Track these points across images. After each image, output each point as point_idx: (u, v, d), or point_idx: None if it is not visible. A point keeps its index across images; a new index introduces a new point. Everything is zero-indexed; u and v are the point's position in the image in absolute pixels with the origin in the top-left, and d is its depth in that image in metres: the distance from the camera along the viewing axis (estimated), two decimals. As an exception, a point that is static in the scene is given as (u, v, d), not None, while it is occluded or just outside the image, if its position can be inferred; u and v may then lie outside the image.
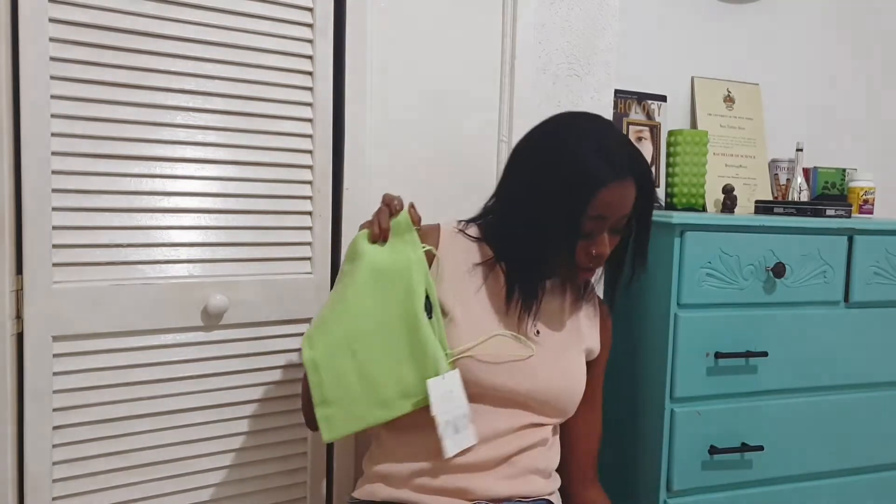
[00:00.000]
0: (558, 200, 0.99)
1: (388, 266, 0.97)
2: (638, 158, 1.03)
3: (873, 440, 1.60)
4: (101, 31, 1.01)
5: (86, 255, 1.03)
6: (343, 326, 0.95)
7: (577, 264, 1.04)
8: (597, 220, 1.00)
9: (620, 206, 1.01)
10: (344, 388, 0.94)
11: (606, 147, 1.01)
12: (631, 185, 1.02)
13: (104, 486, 1.07)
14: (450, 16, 1.29)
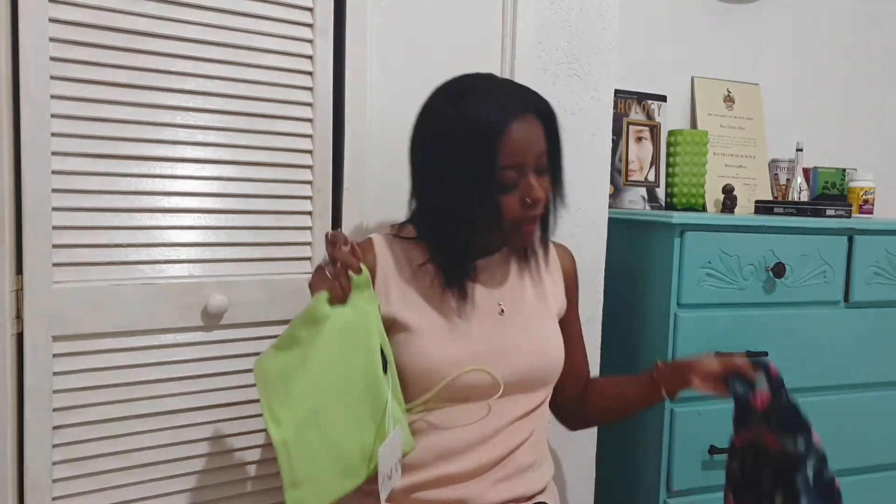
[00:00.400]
0: (466, 164, 0.94)
1: (352, 327, 0.91)
2: (528, 93, 0.99)
3: (873, 440, 1.60)
4: (101, 31, 1.01)
5: (86, 255, 1.03)
6: (309, 399, 0.88)
7: (515, 221, 0.97)
8: (514, 169, 0.94)
9: (531, 144, 0.95)
10: (313, 465, 0.89)
11: (492, 93, 0.96)
12: (533, 120, 0.96)
13: (104, 486, 1.07)
14: (450, 16, 1.29)
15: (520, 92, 0.99)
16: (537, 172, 0.97)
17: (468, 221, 0.98)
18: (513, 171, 0.94)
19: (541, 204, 0.97)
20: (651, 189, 1.82)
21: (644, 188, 1.81)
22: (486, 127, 0.93)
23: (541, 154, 0.97)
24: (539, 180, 0.97)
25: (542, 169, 0.98)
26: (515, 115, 0.94)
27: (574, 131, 1.41)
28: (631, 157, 1.80)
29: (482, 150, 0.92)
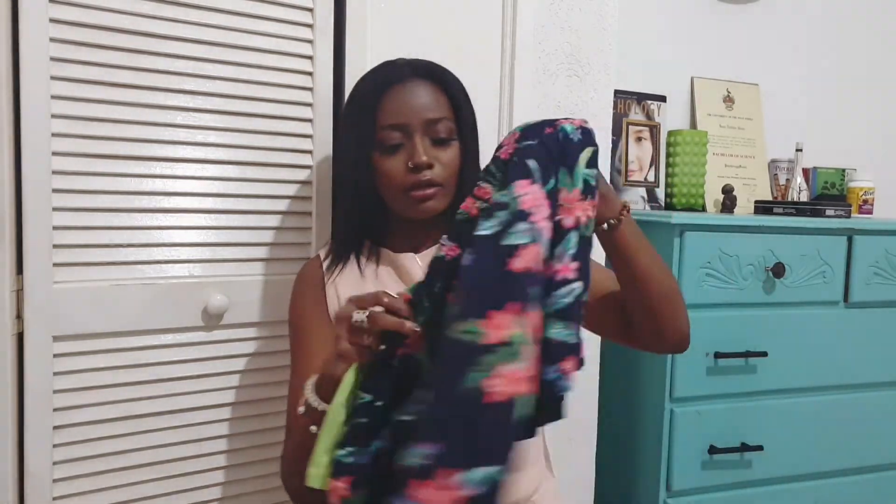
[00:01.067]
0: (351, 128, 0.94)
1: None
2: (429, 64, 0.97)
3: (873, 440, 1.61)
4: (101, 31, 1.01)
5: (86, 255, 1.03)
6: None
7: (404, 187, 0.93)
8: (397, 130, 0.93)
9: (417, 106, 0.93)
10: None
11: (384, 65, 0.97)
12: (423, 84, 0.94)
13: (104, 486, 1.07)
14: (450, 16, 1.29)
15: (421, 63, 0.97)
16: (434, 140, 0.94)
17: (355, 188, 0.96)
18: (395, 132, 0.93)
19: (424, 169, 0.92)
20: (651, 189, 1.82)
21: (644, 188, 1.81)
22: (372, 86, 0.94)
23: (435, 121, 0.94)
24: (437, 150, 0.94)
25: (441, 138, 0.95)
26: (403, 78, 0.94)
27: (574, 131, 1.41)
28: (631, 157, 1.80)
29: (364, 108, 0.94)
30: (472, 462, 0.61)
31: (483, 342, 0.63)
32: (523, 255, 0.67)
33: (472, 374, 0.62)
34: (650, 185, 1.82)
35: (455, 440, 0.61)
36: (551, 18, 1.37)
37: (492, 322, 0.64)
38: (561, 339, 0.69)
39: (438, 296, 0.75)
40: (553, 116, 1.41)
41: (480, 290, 0.66)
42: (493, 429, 0.62)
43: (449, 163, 0.95)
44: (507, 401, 0.62)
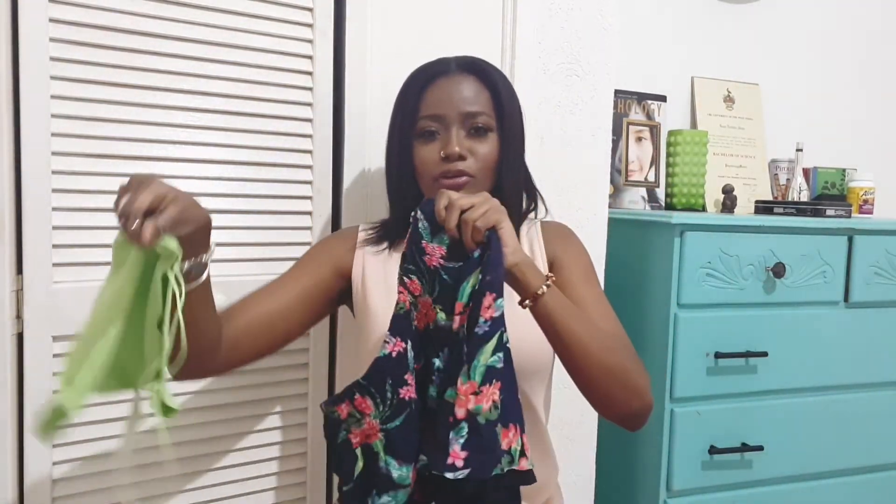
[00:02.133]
0: (397, 120, 1.00)
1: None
2: (477, 59, 1.01)
3: (873, 440, 1.61)
4: (101, 31, 1.01)
5: (86, 255, 1.03)
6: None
7: (434, 175, 0.96)
8: (435, 120, 0.96)
9: (456, 98, 0.96)
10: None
11: (435, 60, 1.01)
12: (466, 78, 0.98)
13: (104, 486, 1.07)
14: (450, 16, 1.29)
15: (469, 58, 1.01)
16: (470, 132, 0.97)
17: (398, 175, 1.00)
18: (433, 121, 0.96)
19: (455, 159, 0.95)
20: (651, 189, 1.82)
21: (644, 188, 1.81)
22: (418, 78, 0.99)
23: (473, 115, 0.96)
24: (472, 142, 0.96)
25: (479, 130, 0.97)
26: (448, 71, 0.98)
27: (574, 131, 1.41)
28: (631, 157, 1.80)
29: (409, 99, 0.98)
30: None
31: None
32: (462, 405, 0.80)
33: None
34: (650, 185, 1.82)
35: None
36: (551, 18, 1.37)
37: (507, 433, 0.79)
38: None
39: (393, 400, 0.85)
40: (553, 116, 1.41)
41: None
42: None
43: (485, 156, 0.97)
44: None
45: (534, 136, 1.38)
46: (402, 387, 0.84)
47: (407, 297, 0.86)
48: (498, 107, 0.99)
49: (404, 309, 0.86)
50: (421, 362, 0.87)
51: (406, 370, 0.85)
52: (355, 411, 0.87)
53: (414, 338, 0.86)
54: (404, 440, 0.85)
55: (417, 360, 0.87)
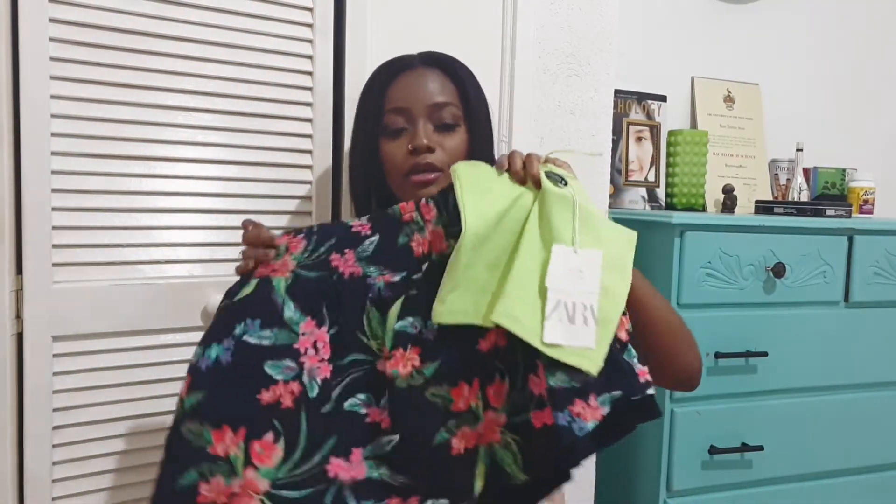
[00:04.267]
0: (362, 116, 0.98)
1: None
2: (440, 54, 0.99)
3: (873, 440, 1.61)
4: (101, 31, 1.01)
5: (86, 255, 1.03)
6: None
7: (404, 170, 0.94)
8: (400, 114, 0.94)
9: (422, 92, 0.94)
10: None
11: (398, 57, 0.99)
12: (430, 71, 0.96)
13: (104, 486, 1.07)
14: (450, 16, 1.29)
15: (432, 53, 0.99)
16: (438, 126, 0.94)
17: (359, 172, 0.99)
18: (399, 116, 0.94)
19: (424, 152, 0.92)
20: (651, 189, 1.82)
21: (644, 188, 1.81)
22: (382, 74, 0.97)
23: (440, 106, 0.94)
24: (441, 136, 0.94)
25: (447, 125, 0.95)
26: (413, 66, 0.96)
27: (574, 131, 1.41)
28: (631, 157, 1.80)
29: (373, 94, 0.96)
30: (434, 494, 0.77)
31: (453, 409, 0.78)
32: (488, 338, 0.79)
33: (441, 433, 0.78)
34: (650, 185, 1.82)
35: (425, 476, 0.78)
36: (551, 18, 1.37)
37: (461, 392, 0.79)
38: (564, 386, 0.74)
39: (321, 256, 0.84)
40: (553, 116, 1.41)
41: (447, 360, 0.79)
42: (457, 473, 0.78)
43: (453, 149, 0.95)
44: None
45: (534, 136, 1.38)
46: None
47: (411, 210, 0.84)
48: (464, 99, 0.97)
49: (398, 214, 0.85)
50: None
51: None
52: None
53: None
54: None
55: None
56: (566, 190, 0.80)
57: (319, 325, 0.81)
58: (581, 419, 0.73)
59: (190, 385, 0.77)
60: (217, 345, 0.78)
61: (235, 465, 0.74)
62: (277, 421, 0.77)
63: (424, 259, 0.83)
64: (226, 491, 0.74)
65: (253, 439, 0.76)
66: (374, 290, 0.82)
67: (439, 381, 0.79)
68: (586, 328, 0.75)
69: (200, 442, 0.75)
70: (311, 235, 0.85)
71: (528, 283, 0.76)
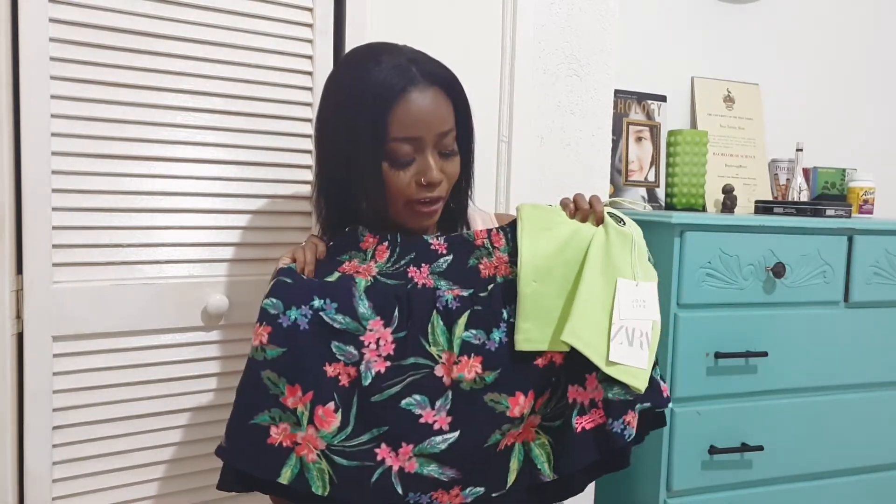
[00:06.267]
0: (356, 132, 0.87)
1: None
2: (436, 65, 0.91)
3: (873, 440, 1.61)
4: (101, 31, 1.01)
5: (86, 255, 1.03)
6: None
7: (409, 200, 0.90)
8: (408, 143, 0.87)
9: (432, 120, 0.88)
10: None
11: (394, 59, 0.88)
12: (437, 94, 0.89)
13: (104, 486, 1.07)
14: (450, 16, 1.29)
15: (426, 62, 0.90)
16: (441, 154, 0.90)
17: (355, 193, 0.91)
18: (407, 144, 0.87)
19: (435, 187, 0.90)
20: (651, 189, 1.82)
21: (644, 188, 1.81)
22: (382, 88, 0.85)
23: (445, 134, 0.89)
24: (444, 163, 0.90)
25: (448, 152, 0.91)
26: (415, 83, 0.87)
27: (574, 131, 1.41)
28: (631, 157, 1.80)
29: (373, 116, 0.85)
30: (473, 483, 0.88)
31: (508, 414, 0.88)
32: (545, 355, 0.90)
33: (496, 434, 0.88)
34: (650, 184, 1.82)
35: (471, 470, 0.88)
36: (551, 18, 1.37)
37: (517, 400, 0.89)
38: (620, 398, 0.90)
39: (401, 267, 0.92)
40: (553, 116, 1.41)
41: (507, 370, 0.89)
42: (495, 466, 0.89)
43: (452, 174, 0.93)
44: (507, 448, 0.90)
45: (534, 136, 1.38)
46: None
47: (484, 237, 0.96)
48: (460, 122, 0.93)
49: (471, 238, 0.96)
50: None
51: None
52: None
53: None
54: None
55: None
56: (625, 228, 0.94)
57: (386, 326, 0.88)
58: (630, 427, 0.89)
59: (270, 336, 0.84)
60: (296, 309, 0.86)
61: (301, 420, 0.84)
62: (337, 394, 0.86)
63: (490, 280, 0.93)
64: (292, 437, 0.84)
65: (318, 404, 0.84)
66: (441, 300, 0.90)
67: (498, 389, 0.88)
68: (641, 351, 0.90)
69: (276, 391, 0.84)
70: (394, 246, 0.93)
71: (592, 308, 0.89)
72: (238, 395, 0.86)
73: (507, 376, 0.88)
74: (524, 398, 0.89)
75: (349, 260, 0.92)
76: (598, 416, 0.90)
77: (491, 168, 1.35)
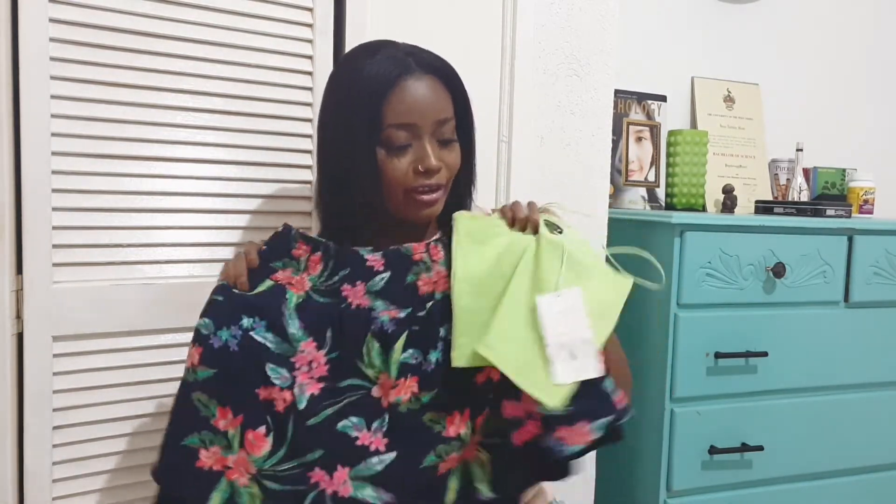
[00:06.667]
0: (353, 119, 0.87)
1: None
2: (433, 57, 0.91)
3: (873, 440, 1.61)
4: (101, 31, 1.01)
5: (86, 255, 1.03)
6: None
7: (406, 188, 0.89)
8: (404, 129, 0.87)
9: (428, 106, 0.87)
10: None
11: (391, 51, 0.89)
12: (434, 83, 0.89)
13: (104, 486, 1.07)
14: (450, 16, 1.29)
15: (423, 53, 0.91)
16: (440, 142, 0.90)
17: (352, 186, 0.90)
18: (402, 131, 0.87)
19: (434, 174, 0.89)
20: (651, 189, 1.82)
21: (644, 188, 1.81)
22: (377, 78, 0.86)
23: (443, 122, 0.89)
24: (442, 152, 0.90)
25: (447, 140, 0.91)
26: (411, 71, 0.87)
27: (574, 131, 1.41)
28: (631, 157, 1.80)
29: (368, 104, 0.86)
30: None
31: (444, 434, 0.85)
32: (484, 371, 0.85)
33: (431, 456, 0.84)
34: (650, 184, 1.82)
35: (407, 493, 0.84)
36: (551, 18, 1.37)
37: (453, 419, 0.85)
38: (551, 413, 0.80)
39: (334, 284, 0.88)
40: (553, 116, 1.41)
41: (443, 390, 0.85)
42: (433, 489, 0.84)
43: (452, 164, 0.92)
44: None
45: (534, 136, 1.38)
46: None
47: (422, 252, 0.92)
48: (459, 111, 0.93)
49: (409, 253, 0.91)
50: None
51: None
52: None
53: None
54: None
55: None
56: (558, 237, 0.89)
57: (319, 348, 0.86)
58: (563, 442, 0.80)
59: (202, 357, 0.84)
60: (226, 329, 0.85)
61: (232, 443, 0.83)
62: (270, 418, 0.84)
63: (429, 298, 0.89)
64: (223, 460, 0.83)
65: (248, 427, 0.83)
66: (377, 322, 0.87)
67: (434, 408, 0.85)
68: (588, 360, 0.82)
69: (207, 412, 0.83)
70: (328, 259, 0.89)
71: (514, 321, 0.84)
72: (170, 415, 0.85)
73: (443, 396, 0.85)
74: (460, 417, 0.85)
75: (283, 268, 0.89)
76: (533, 428, 0.82)
77: (491, 168, 1.35)
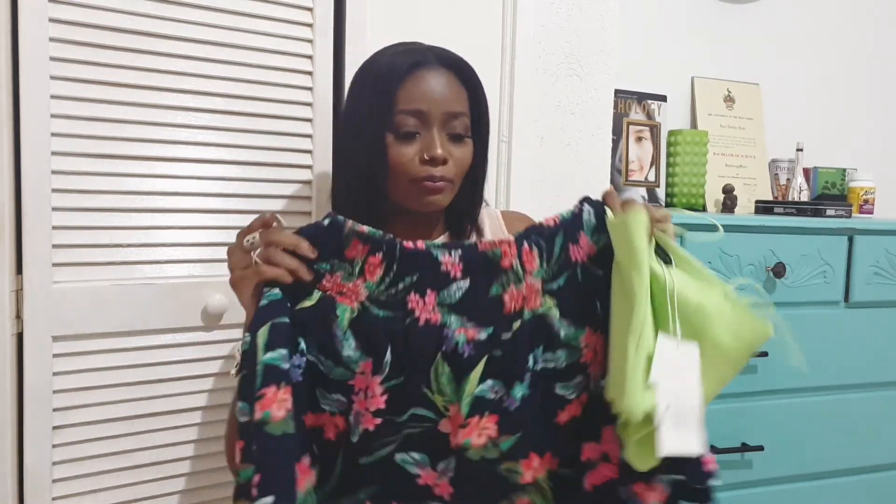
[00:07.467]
0: (366, 107, 0.88)
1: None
2: (454, 55, 0.93)
3: (873, 440, 1.60)
4: (101, 31, 1.01)
5: (86, 255, 1.03)
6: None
7: (412, 176, 0.88)
8: (414, 116, 0.87)
9: (439, 96, 0.88)
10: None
11: (410, 46, 0.92)
12: (447, 75, 0.90)
13: (104, 486, 1.07)
14: (450, 16, 1.29)
15: (443, 50, 0.93)
16: (451, 136, 0.90)
17: (365, 169, 0.89)
18: (412, 117, 0.87)
19: (440, 164, 0.88)
20: (651, 189, 1.82)
21: (644, 188, 1.81)
22: (394, 66, 0.88)
23: (454, 115, 0.90)
24: (452, 146, 0.90)
25: (459, 136, 0.91)
26: (428, 62, 0.89)
27: (574, 131, 1.41)
28: (631, 157, 1.80)
29: (383, 89, 0.87)
30: None
31: (521, 482, 0.74)
32: (568, 409, 0.75)
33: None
34: (650, 184, 1.82)
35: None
36: (551, 18, 1.37)
37: (531, 463, 0.74)
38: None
39: (398, 294, 0.74)
40: (553, 116, 1.41)
41: (527, 433, 0.73)
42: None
43: (461, 160, 0.92)
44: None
45: (534, 136, 1.38)
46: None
47: (513, 256, 0.76)
48: (474, 109, 0.94)
49: (497, 256, 0.76)
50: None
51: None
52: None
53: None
54: None
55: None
56: (666, 271, 0.72)
57: (375, 372, 0.73)
58: (638, 498, 0.71)
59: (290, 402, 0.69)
60: (297, 356, 0.72)
61: None
62: (317, 446, 0.73)
63: (515, 316, 0.74)
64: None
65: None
66: (449, 342, 0.73)
67: (515, 456, 0.73)
68: (693, 434, 0.69)
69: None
70: (391, 260, 0.74)
71: (637, 366, 0.69)
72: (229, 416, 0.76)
73: (526, 439, 0.73)
74: (539, 460, 0.74)
75: (330, 272, 0.75)
76: (607, 471, 0.73)
77: (491, 168, 1.35)
